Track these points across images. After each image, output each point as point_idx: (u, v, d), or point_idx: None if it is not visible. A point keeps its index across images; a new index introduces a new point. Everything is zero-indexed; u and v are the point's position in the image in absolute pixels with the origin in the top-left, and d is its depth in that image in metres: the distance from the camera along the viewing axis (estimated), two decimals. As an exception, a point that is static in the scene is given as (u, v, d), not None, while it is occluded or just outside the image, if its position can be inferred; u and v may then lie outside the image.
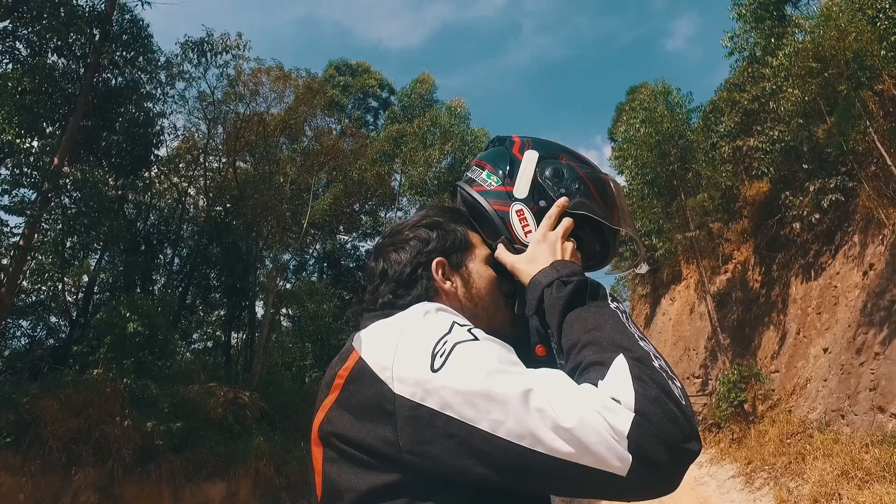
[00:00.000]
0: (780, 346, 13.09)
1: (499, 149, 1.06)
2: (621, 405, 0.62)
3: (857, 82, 10.74)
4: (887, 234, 10.42)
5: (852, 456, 8.42)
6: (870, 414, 8.98)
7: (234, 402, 11.17)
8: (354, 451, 0.71)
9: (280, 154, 15.77)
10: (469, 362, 0.67)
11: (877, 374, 9.18)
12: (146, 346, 10.29)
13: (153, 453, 9.13)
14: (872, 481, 7.75)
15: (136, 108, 12.81)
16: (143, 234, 14.22)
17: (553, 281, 0.83)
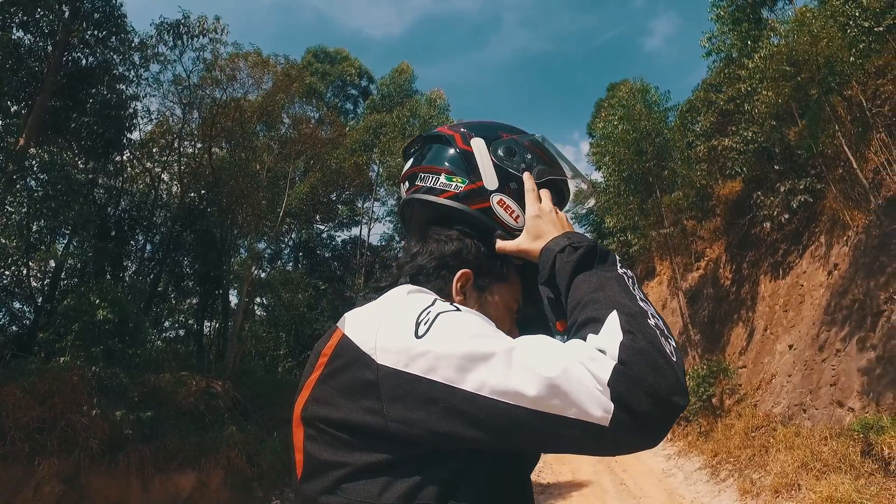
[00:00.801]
0: (748, 343, 13.43)
1: (440, 148, 1.02)
2: (606, 355, 0.63)
3: (828, 87, 11.02)
4: (851, 236, 10.75)
5: (812, 448, 8.72)
6: (829, 408, 9.30)
7: (207, 392, 11.04)
8: (338, 433, 0.70)
9: (257, 141, 15.51)
10: (452, 328, 0.68)
11: (837, 371, 9.49)
12: (116, 334, 10.08)
13: (122, 443, 8.97)
14: (830, 472, 8.04)
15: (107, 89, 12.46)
16: (113, 219, 13.89)
17: (565, 247, 0.85)
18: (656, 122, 16.06)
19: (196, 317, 15.03)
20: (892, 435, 7.49)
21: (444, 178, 0.98)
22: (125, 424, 9.02)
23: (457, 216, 0.96)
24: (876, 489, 7.32)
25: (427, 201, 0.98)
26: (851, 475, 7.74)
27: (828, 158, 11.80)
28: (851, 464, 7.91)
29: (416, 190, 1.00)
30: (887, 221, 9.74)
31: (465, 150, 0.99)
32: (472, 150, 0.99)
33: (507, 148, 1.00)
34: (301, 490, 0.75)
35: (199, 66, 14.66)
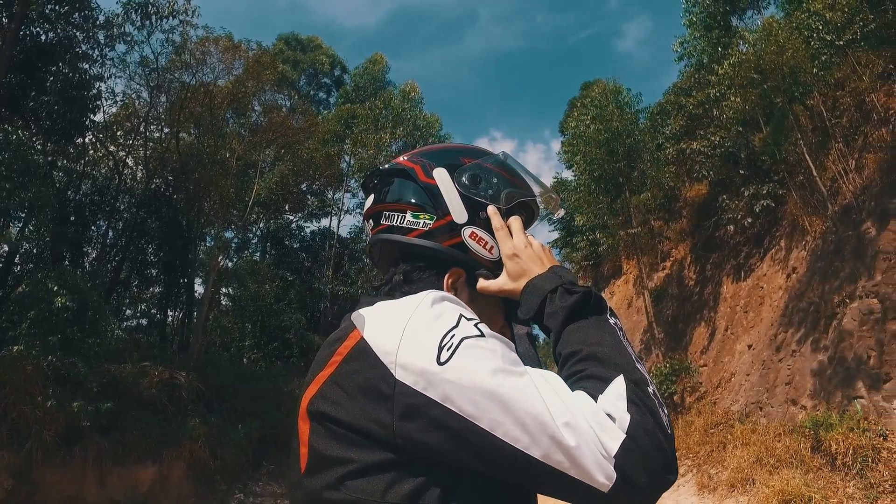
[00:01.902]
0: (710, 342, 13.83)
1: (402, 182, 0.97)
2: (615, 425, 0.64)
3: (792, 96, 11.39)
4: (809, 241, 11.16)
5: (766, 444, 9.07)
6: (784, 406, 9.66)
7: (169, 383, 10.78)
8: (345, 432, 0.70)
9: (226, 128, 15.16)
10: (475, 359, 0.68)
11: (792, 370, 9.87)
12: (75, 322, 9.75)
13: (78, 435, 8.70)
14: (782, 467, 8.38)
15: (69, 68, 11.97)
16: (74, 203, 13.40)
17: (557, 287, 0.83)
18: (628, 124, 16.33)
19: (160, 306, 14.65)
20: (840, 432, 7.85)
21: (411, 215, 0.94)
22: (82, 416, 8.73)
23: (428, 255, 0.93)
24: (823, 483, 7.67)
25: (395, 242, 0.95)
26: (802, 470, 8.09)
27: (790, 165, 12.21)
28: (802, 459, 8.26)
29: (382, 230, 0.96)
30: (842, 228, 10.13)
31: (429, 184, 0.95)
32: (435, 182, 0.95)
33: (472, 175, 0.97)
34: (304, 483, 0.75)
35: (168, 48, 14.23)
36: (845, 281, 9.45)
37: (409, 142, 24.00)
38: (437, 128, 25.02)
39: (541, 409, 0.64)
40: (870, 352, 8.35)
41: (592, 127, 16.27)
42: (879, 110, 10.49)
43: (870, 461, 7.41)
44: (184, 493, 9.98)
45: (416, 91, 24.92)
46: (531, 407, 0.64)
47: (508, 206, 0.97)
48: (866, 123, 10.76)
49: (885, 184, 9.59)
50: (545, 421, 0.63)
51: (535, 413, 0.64)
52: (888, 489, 6.99)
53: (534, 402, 0.64)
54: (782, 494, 7.72)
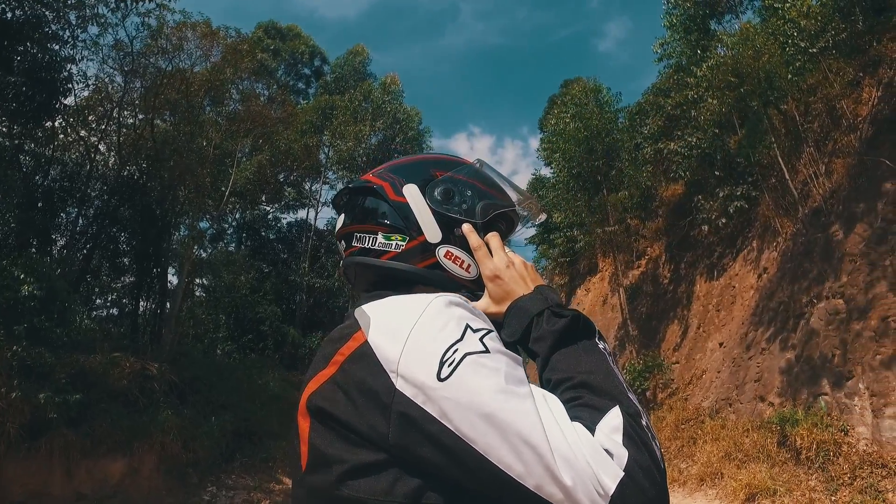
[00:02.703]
0: (682, 339, 14.12)
1: (372, 201, 0.95)
2: (613, 462, 0.62)
3: (767, 100, 11.65)
4: (780, 242, 11.45)
5: (735, 440, 9.32)
6: (752, 402, 9.93)
7: (141, 374, 10.58)
8: (343, 430, 0.70)
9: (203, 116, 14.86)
10: (476, 378, 0.66)
11: (761, 368, 10.14)
12: (42, 311, 9.48)
13: (45, 427, 8.48)
14: (749, 461, 8.63)
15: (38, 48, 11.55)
16: (42, 188, 12.99)
17: (543, 310, 0.81)
18: (607, 122, 16.52)
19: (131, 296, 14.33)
20: (805, 427, 8.11)
21: (382, 237, 0.91)
22: (49, 408, 8.51)
23: (403, 277, 0.90)
24: (788, 476, 7.92)
25: (369, 265, 0.92)
26: (768, 464, 8.34)
27: (763, 168, 12.49)
28: (768, 454, 8.52)
29: (355, 252, 0.94)
30: (811, 230, 10.43)
31: (399, 202, 0.92)
32: (406, 200, 0.92)
33: (445, 190, 0.93)
34: (305, 481, 0.74)
35: (143, 32, 13.84)
36: (813, 282, 9.73)
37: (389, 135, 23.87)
38: (417, 121, 24.92)
39: (539, 439, 0.62)
40: (835, 351, 8.62)
41: (572, 124, 16.41)
42: (848, 117, 10.79)
43: (831, 455, 7.67)
44: (154, 487, 9.82)
45: (396, 84, 24.76)
46: (529, 435, 0.62)
47: (485, 220, 0.94)
48: (836, 129, 11.07)
49: (852, 188, 9.89)
50: (542, 452, 0.61)
51: (532, 442, 0.62)
52: (847, 482, 7.25)
53: (532, 430, 0.62)
54: (749, 488, 7.95)
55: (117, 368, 10.24)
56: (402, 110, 24.17)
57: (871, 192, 9.36)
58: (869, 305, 8.39)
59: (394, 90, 24.39)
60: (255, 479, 11.15)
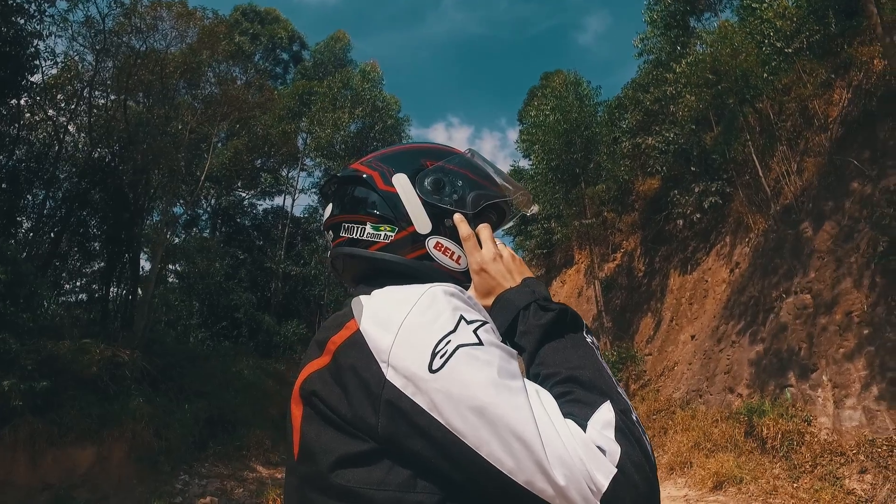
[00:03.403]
0: (655, 332, 14.39)
1: (360, 191, 0.93)
2: (606, 458, 0.62)
3: (743, 98, 11.86)
4: (752, 238, 11.73)
5: (704, 430, 9.57)
6: (722, 394, 10.19)
7: (112, 361, 10.37)
8: (335, 418, 0.69)
9: (178, 98, 14.49)
10: (468, 370, 0.64)
11: (731, 360, 10.40)
12: (7, 296, 9.21)
13: (9, 415, 8.27)
14: (718, 451, 8.87)
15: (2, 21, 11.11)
16: (7, 169, 12.55)
17: (530, 304, 0.81)
18: (586, 116, 16.61)
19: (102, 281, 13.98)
20: (771, 418, 8.36)
21: (371, 227, 0.90)
22: (14, 395, 8.29)
23: (392, 269, 0.88)
24: (754, 465, 8.17)
25: (357, 256, 0.90)
26: (735, 453, 8.59)
27: (738, 164, 12.75)
28: (736, 443, 8.77)
29: (343, 242, 0.92)
30: (783, 227, 10.69)
31: (388, 192, 0.90)
32: (395, 190, 0.90)
33: (435, 181, 0.92)
34: (297, 470, 0.73)
35: (116, 10, 13.40)
36: (783, 277, 10.00)
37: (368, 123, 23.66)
38: (396, 109, 24.76)
39: (531, 434, 0.61)
40: (801, 344, 8.89)
41: (552, 117, 16.46)
42: (820, 117, 11.06)
43: (795, 444, 7.93)
44: (125, 475, 9.68)
45: (376, 71, 24.53)
46: (521, 429, 0.61)
47: (476, 211, 0.93)
48: (808, 129, 11.34)
49: (822, 187, 10.16)
50: (534, 447, 0.60)
51: (524, 437, 0.61)
52: (808, 469, 7.51)
53: (525, 425, 0.61)
54: (717, 476, 8.18)
55: (87, 355, 10.02)
56: (381, 98, 23.97)
57: (840, 190, 9.63)
58: (834, 301, 8.66)
59: (374, 77, 24.15)
60: (229, 467, 11.07)
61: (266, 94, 17.02)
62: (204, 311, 17.35)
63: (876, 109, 9.48)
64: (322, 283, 20.76)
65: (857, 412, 7.61)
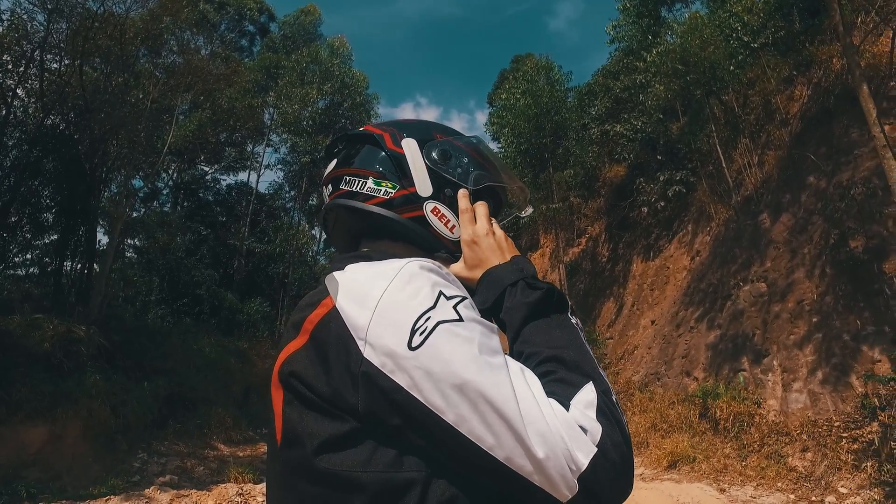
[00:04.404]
0: (617, 316, 14.75)
1: (368, 149, 0.93)
2: (587, 437, 0.62)
3: (710, 90, 12.12)
4: (713, 227, 12.09)
5: (661, 412, 9.93)
6: (679, 377, 10.57)
7: (66, 337, 10.01)
8: (316, 400, 0.68)
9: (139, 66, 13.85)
10: (448, 347, 0.64)
11: (689, 345, 10.78)
12: (-48, 268, 8.76)
13: (-44, 392, 7.93)
14: (673, 431, 9.24)
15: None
16: (-51, 134, 11.82)
17: (518, 281, 0.81)
18: (557, 101, 16.70)
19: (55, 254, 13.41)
20: (725, 400, 8.74)
21: (372, 182, 0.90)
22: (-40, 371, 7.95)
23: (386, 225, 0.89)
24: (706, 445, 8.55)
25: (352, 208, 0.90)
26: (690, 434, 8.96)
27: (702, 155, 13.07)
28: (691, 424, 9.14)
29: (340, 195, 0.92)
30: (742, 217, 11.06)
31: (396, 153, 0.91)
32: (403, 151, 0.91)
33: (442, 151, 0.93)
34: (281, 457, 0.72)
35: (70, -33, 12.64)
36: (741, 266, 10.37)
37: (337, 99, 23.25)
38: (364, 86, 24.39)
39: (512, 411, 0.61)
40: (755, 330, 9.27)
41: (523, 100, 16.49)
42: (781, 112, 11.41)
43: (745, 425, 8.33)
44: (79, 454, 9.41)
45: (345, 47, 24.04)
46: (502, 406, 0.61)
47: (476, 188, 0.94)
48: (770, 123, 11.68)
49: (781, 180, 10.53)
50: (515, 424, 0.60)
51: (505, 414, 0.61)
52: (756, 448, 7.90)
53: (505, 401, 0.61)
54: (672, 456, 8.53)
55: (39, 331, 9.65)
56: (350, 75, 23.54)
57: (797, 184, 10.00)
58: (788, 289, 9.05)
59: (343, 53, 23.66)
60: (189, 445, 10.90)
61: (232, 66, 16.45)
62: (164, 288, 16.88)
63: (833, 107, 9.83)
64: (286, 261, 20.46)
65: (803, 395, 8.02)
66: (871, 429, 6.81)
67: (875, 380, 6.90)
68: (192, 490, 7.78)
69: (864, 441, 6.79)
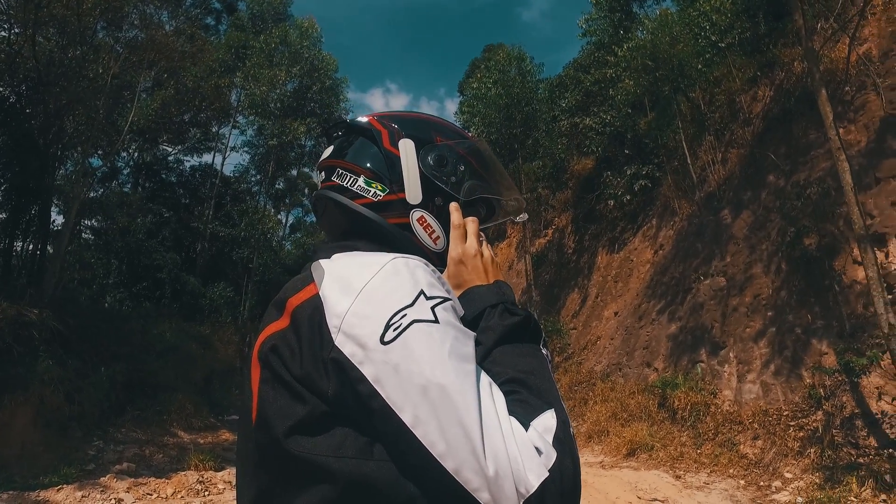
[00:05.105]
0: (581, 307, 15.01)
1: (365, 143, 0.92)
2: (540, 460, 0.62)
3: (678, 87, 12.35)
4: (677, 222, 12.38)
5: (622, 401, 10.19)
6: (640, 368, 10.85)
7: (17, 321, 9.61)
8: (292, 382, 0.68)
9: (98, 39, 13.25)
10: (419, 347, 0.64)
11: (650, 336, 11.06)
12: None
13: None
14: (633, 420, 9.50)
15: None
16: None
17: (498, 304, 0.82)
18: (528, 92, 16.75)
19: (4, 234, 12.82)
20: (683, 391, 9.03)
21: (363, 181, 0.89)
22: None
23: (370, 227, 0.87)
24: (664, 433, 8.82)
25: (341, 203, 0.89)
26: (648, 423, 9.23)
27: (668, 150, 13.34)
28: (649, 413, 9.42)
29: (332, 187, 0.91)
30: (705, 213, 11.36)
31: (391, 153, 0.90)
32: (399, 153, 0.90)
33: (439, 157, 0.92)
34: (254, 436, 0.72)
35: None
36: (703, 261, 10.67)
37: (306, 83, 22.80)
38: (334, 70, 23.98)
39: (471, 421, 0.61)
40: (714, 323, 9.58)
41: (494, 90, 16.49)
42: (745, 111, 11.72)
43: (701, 415, 8.62)
44: (29, 442, 9.10)
45: (315, 28, 23.50)
46: (462, 414, 0.61)
47: (468, 199, 0.93)
48: (734, 121, 11.99)
49: (742, 177, 10.84)
50: (472, 435, 0.60)
51: (464, 424, 0.61)
52: (711, 437, 8.21)
53: (466, 412, 0.61)
54: (631, 444, 8.78)
55: (-13, 313, 9.25)
56: (319, 57, 23.10)
57: (758, 182, 10.32)
58: (745, 284, 9.36)
59: (312, 35, 23.16)
60: (148, 432, 10.67)
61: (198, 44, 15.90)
62: (123, 271, 16.36)
63: (793, 108, 10.15)
64: (251, 246, 20.09)
65: (756, 386, 8.34)
66: (816, 417, 7.15)
67: (821, 371, 7.24)
68: (150, 478, 7.61)
69: (809, 429, 7.12)
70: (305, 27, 23.05)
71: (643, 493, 6.79)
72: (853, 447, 6.52)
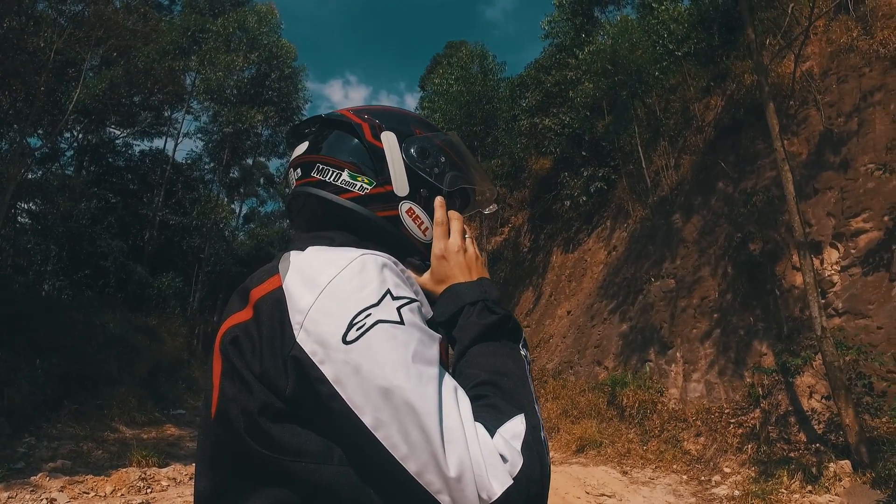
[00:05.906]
0: (535, 305, 15.24)
1: (343, 136, 0.89)
2: (505, 467, 0.61)
3: (635, 92, 12.66)
4: (630, 224, 12.71)
5: (573, 399, 10.41)
6: (590, 366, 11.10)
7: (-57, 309, 9.03)
8: (250, 373, 0.66)
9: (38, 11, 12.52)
10: (382, 349, 0.62)
11: (601, 335, 11.33)
12: None
13: None
14: (583, 418, 9.71)
15: None
16: None
17: (478, 301, 0.81)
18: (489, 90, 16.86)
19: (-69, 215, 11.99)
20: (632, 388, 9.29)
21: (348, 175, 0.86)
22: None
23: (356, 221, 0.85)
24: (613, 430, 9.06)
25: (324, 199, 0.86)
26: (598, 420, 9.46)
27: (624, 154, 13.67)
28: (599, 411, 9.65)
29: (312, 183, 0.87)
30: (657, 216, 11.70)
31: (374, 146, 0.88)
32: (382, 146, 0.88)
33: (421, 148, 0.90)
34: (214, 431, 0.70)
35: None
36: (654, 263, 10.99)
37: (264, 70, 22.27)
38: (293, 58, 23.53)
39: (433, 424, 0.59)
40: (663, 323, 9.89)
41: (456, 87, 16.52)
42: (698, 119, 12.13)
43: (648, 412, 8.90)
44: (-47, 438, 8.56)
45: (274, 15, 22.96)
46: (424, 417, 0.60)
47: (451, 190, 0.93)
48: (687, 128, 12.39)
49: (693, 183, 11.21)
50: (432, 438, 0.59)
51: (425, 425, 0.59)
52: (657, 434, 8.49)
53: (428, 413, 0.60)
54: (580, 440, 8.98)
55: None
56: (278, 45, 22.59)
57: (708, 188, 10.70)
58: (693, 286, 9.70)
59: (271, 22, 22.61)
60: (86, 427, 10.19)
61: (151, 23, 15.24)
62: (63, 257, 15.54)
63: (743, 119, 10.56)
64: (203, 235, 19.46)
65: (700, 385, 8.67)
66: (755, 415, 7.50)
67: (760, 371, 7.60)
68: (87, 476, 7.27)
69: (748, 426, 7.46)
70: (264, 13, 22.49)
71: (592, 489, 6.95)
72: (786, 442, 6.87)
